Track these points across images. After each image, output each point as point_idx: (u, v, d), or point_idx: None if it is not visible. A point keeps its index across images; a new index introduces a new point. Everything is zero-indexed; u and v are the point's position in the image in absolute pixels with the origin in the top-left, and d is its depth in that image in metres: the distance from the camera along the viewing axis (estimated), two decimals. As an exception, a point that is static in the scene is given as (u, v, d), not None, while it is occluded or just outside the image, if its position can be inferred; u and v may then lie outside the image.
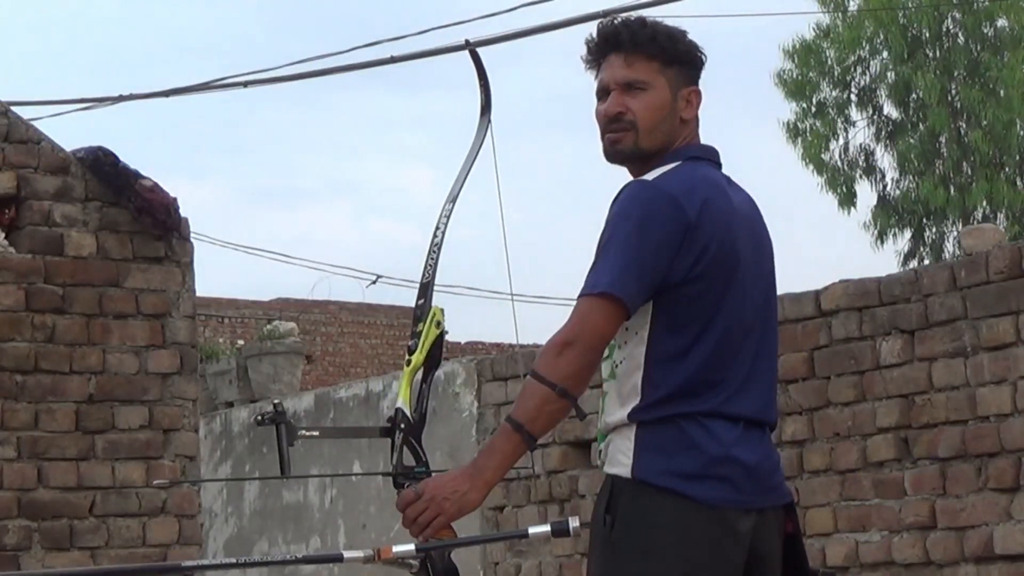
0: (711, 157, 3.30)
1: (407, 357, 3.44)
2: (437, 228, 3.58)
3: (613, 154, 3.28)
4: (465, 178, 3.69)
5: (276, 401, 3.51)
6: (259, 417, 3.40)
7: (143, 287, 6.57)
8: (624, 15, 3.34)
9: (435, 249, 3.55)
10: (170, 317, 6.61)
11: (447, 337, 3.50)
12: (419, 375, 3.44)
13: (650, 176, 3.18)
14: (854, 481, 6.51)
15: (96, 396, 6.42)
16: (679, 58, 3.27)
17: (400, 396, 3.42)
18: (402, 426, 3.40)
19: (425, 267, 3.54)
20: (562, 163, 49.04)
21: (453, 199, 3.63)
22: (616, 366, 3.18)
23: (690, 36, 3.32)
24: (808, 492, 6.65)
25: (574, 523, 3.07)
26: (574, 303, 3.15)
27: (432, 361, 3.45)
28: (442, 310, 3.47)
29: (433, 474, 3.30)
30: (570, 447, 7.76)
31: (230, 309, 22.31)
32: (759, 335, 3.22)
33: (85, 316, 6.43)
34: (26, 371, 6.30)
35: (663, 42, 3.26)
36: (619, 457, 3.14)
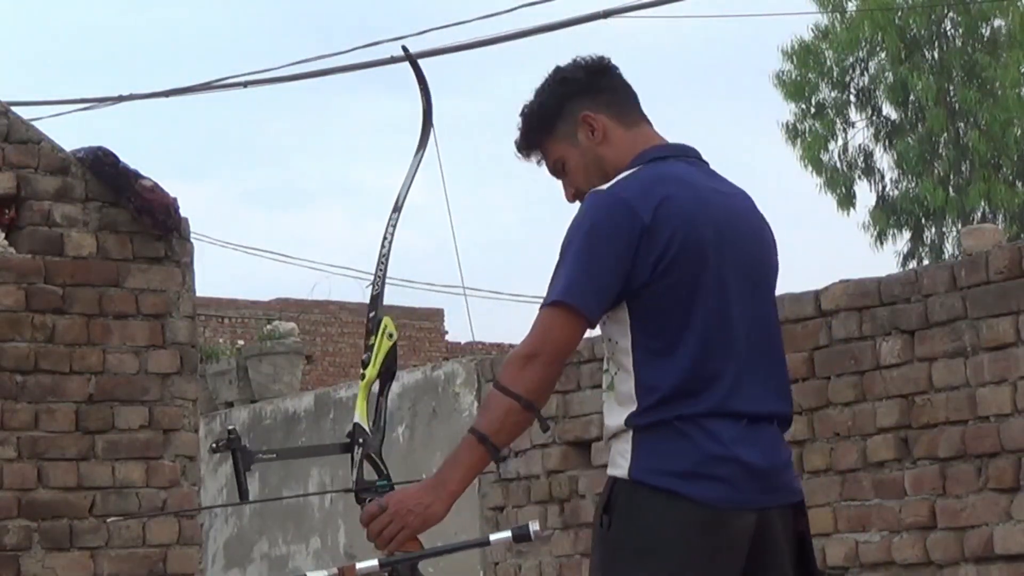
0: (681, 153, 3.29)
1: (361, 371, 3.41)
2: (384, 239, 3.53)
3: None
4: (409, 187, 3.61)
5: (231, 427, 3.45)
6: (214, 444, 3.34)
7: (143, 287, 6.56)
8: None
9: (383, 260, 3.50)
10: (170, 317, 6.61)
11: (448, 337, 3.49)
12: (375, 388, 3.41)
13: (606, 185, 3.19)
14: (854, 481, 6.51)
15: (96, 396, 6.41)
16: (553, 118, 3.31)
17: (357, 411, 3.38)
18: (360, 441, 3.36)
19: (374, 279, 3.49)
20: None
21: (398, 208, 3.56)
22: (613, 377, 3.19)
23: (554, 76, 3.34)
24: (808, 492, 6.61)
25: (534, 527, 3.09)
26: (537, 313, 3.15)
27: (387, 373, 3.42)
28: (392, 320, 3.45)
29: (396, 487, 3.27)
30: (570, 447, 7.76)
31: (230, 309, 22.32)
32: (752, 327, 3.20)
33: (85, 316, 6.43)
34: (26, 371, 6.29)
35: (536, 122, 3.33)
36: (618, 459, 3.13)
